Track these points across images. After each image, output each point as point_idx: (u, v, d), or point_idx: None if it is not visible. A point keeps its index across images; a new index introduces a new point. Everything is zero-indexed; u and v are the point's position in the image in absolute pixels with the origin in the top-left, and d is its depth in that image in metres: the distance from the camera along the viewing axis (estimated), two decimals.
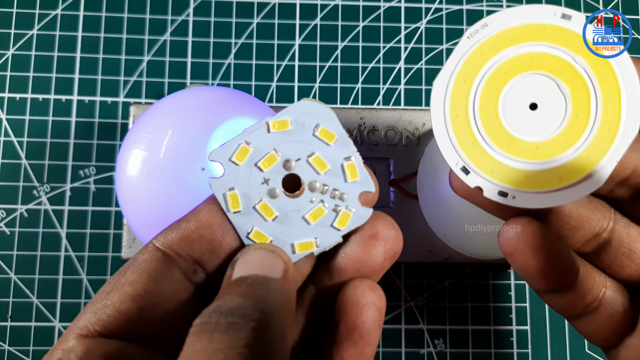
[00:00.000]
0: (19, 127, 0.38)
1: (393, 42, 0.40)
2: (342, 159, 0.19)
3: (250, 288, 0.17)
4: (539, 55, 0.19)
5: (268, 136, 0.19)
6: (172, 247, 0.19)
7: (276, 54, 0.40)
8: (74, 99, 0.39)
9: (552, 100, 0.19)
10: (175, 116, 0.28)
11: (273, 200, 0.20)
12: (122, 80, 0.39)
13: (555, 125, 0.19)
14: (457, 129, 0.19)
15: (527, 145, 0.19)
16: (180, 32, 0.40)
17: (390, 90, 0.40)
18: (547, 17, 0.19)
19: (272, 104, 0.39)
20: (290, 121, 0.19)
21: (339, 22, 0.40)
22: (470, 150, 0.19)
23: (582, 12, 0.41)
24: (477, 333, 0.37)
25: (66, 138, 0.38)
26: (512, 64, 0.19)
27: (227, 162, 0.19)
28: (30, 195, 0.37)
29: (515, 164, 0.19)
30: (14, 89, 0.38)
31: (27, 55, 0.39)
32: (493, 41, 0.19)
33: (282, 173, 0.20)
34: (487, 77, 0.19)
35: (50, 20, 0.39)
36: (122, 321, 0.18)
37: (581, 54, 0.19)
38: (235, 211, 0.19)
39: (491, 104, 0.19)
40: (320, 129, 0.19)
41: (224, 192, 0.19)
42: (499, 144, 0.19)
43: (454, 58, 0.20)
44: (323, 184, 0.20)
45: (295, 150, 0.19)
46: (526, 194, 0.19)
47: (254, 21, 0.40)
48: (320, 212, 0.20)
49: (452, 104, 0.19)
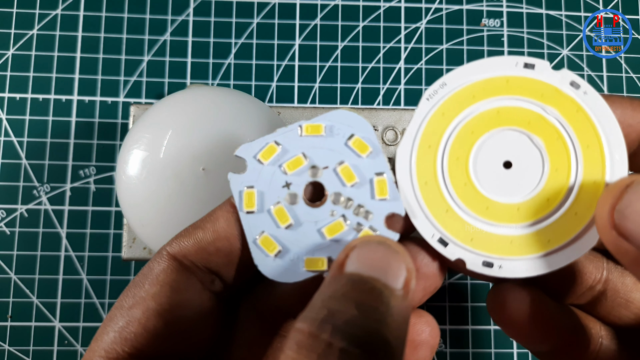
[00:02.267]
0: (19, 127, 0.38)
1: (393, 42, 0.40)
2: (372, 173, 0.18)
3: (369, 297, 0.14)
4: (506, 109, 0.17)
5: (299, 139, 0.18)
6: (189, 257, 0.18)
7: (276, 54, 0.40)
8: (74, 99, 0.39)
9: (527, 156, 0.17)
10: (176, 116, 0.28)
11: (291, 206, 0.18)
12: (122, 80, 0.39)
13: (534, 183, 0.17)
14: (428, 197, 0.18)
15: (507, 207, 0.17)
16: (180, 32, 0.40)
17: (390, 90, 0.40)
18: (509, 68, 0.17)
19: (272, 104, 0.39)
20: (325, 127, 0.18)
21: (339, 22, 0.40)
22: (445, 220, 0.17)
23: (582, 12, 0.41)
24: (477, 333, 0.37)
25: (66, 138, 0.38)
26: (478, 122, 0.18)
27: (251, 159, 0.18)
28: (30, 195, 0.37)
29: (496, 230, 0.17)
30: (14, 89, 0.38)
31: (27, 55, 0.39)
32: (454, 100, 0.18)
33: (307, 179, 0.18)
34: (453, 138, 0.18)
35: (50, 20, 0.39)
36: (150, 339, 0.17)
37: (551, 104, 0.17)
38: (248, 211, 0.18)
39: (461, 167, 0.18)
40: (354, 138, 0.18)
41: (241, 189, 0.18)
42: (475, 210, 0.17)
43: (415, 122, 0.18)
44: (348, 197, 0.18)
45: (324, 157, 0.18)
46: (514, 262, 0.17)
47: (254, 21, 0.40)
48: (339, 227, 0.18)
49: (419, 171, 0.18)
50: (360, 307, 0.14)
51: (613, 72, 0.41)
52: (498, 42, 0.41)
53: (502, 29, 0.41)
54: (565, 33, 0.41)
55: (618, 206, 0.15)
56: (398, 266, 0.15)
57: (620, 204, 0.15)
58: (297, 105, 0.38)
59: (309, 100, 0.39)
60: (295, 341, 0.13)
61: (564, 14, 0.41)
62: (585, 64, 0.41)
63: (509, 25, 0.41)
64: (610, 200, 0.15)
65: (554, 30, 0.41)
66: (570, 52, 0.41)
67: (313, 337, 0.13)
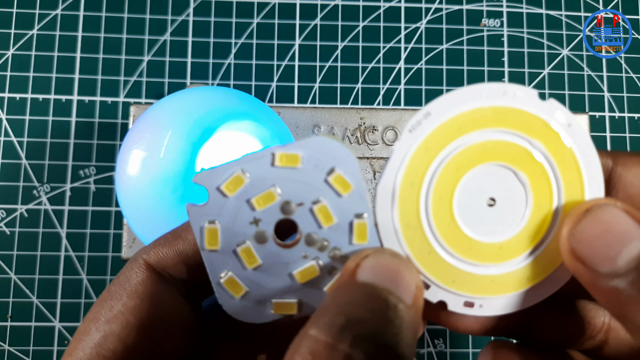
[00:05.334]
0: (19, 127, 0.38)
1: (393, 42, 0.40)
2: (352, 215, 0.16)
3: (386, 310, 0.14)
4: (492, 143, 0.17)
5: (271, 170, 0.16)
6: (167, 270, 0.17)
7: (276, 54, 0.40)
8: (74, 99, 0.38)
9: (511, 193, 0.17)
10: (176, 116, 0.28)
11: (259, 246, 0.16)
12: (122, 80, 0.39)
13: (516, 221, 0.17)
14: (411, 240, 0.17)
15: (490, 247, 0.17)
16: (180, 32, 0.40)
17: (390, 90, 0.40)
18: (495, 97, 0.17)
19: (272, 104, 0.39)
20: (302, 157, 0.16)
21: (339, 22, 0.40)
22: (427, 262, 0.17)
23: (582, 12, 0.41)
24: None
25: (66, 138, 0.38)
26: (463, 157, 0.17)
27: (213, 189, 0.16)
28: (30, 195, 0.37)
29: (478, 270, 0.17)
30: (14, 89, 0.38)
31: (27, 55, 0.39)
32: (439, 133, 0.17)
33: (278, 216, 0.16)
34: (437, 176, 0.17)
35: (50, 20, 0.39)
36: (128, 356, 0.15)
37: (538, 137, 0.17)
38: (211, 249, 0.16)
39: (445, 206, 0.17)
40: (335, 174, 0.16)
41: (202, 225, 0.16)
42: (458, 251, 0.17)
43: (396, 157, 0.17)
44: (323, 239, 0.16)
45: (299, 193, 0.16)
46: (494, 300, 0.17)
47: (254, 21, 0.40)
48: (312, 272, 0.16)
49: (402, 211, 0.17)
50: (378, 319, 0.13)
51: (613, 72, 0.40)
52: (498, 42, 0.41)
53: (502, 29, 0.41)
54: (565, 33, 0.41)
55: (574, 231, 0.15)
56: (410, 281, 0.15)
57: (577, 228, 0.15)
58: (297, 105, 0.38)
59: (309, 100, 0.39)
60: (309, 350, 0.12)
61: (564, 14, 0.41)
62: (585, 64, 0.41)
63: (509, 25, 0.41)
64: (568, 225, 0.15)
65: (554, 30, 0.41)
66: (570, 52, 0.41)
67: (330, 347, 0.12)
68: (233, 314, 0.17)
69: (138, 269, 0.17)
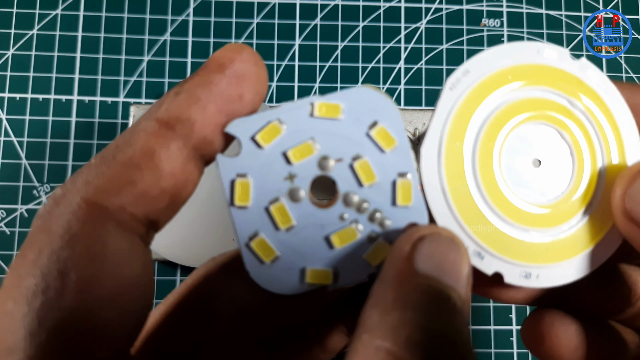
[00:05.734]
0: (19, 127, 0.38)
1: (393, 42, 0.40)
2: (395, 173, 0.15)
3: (452, 314, 0.13)
4: (532, 101, 0.16)
5: (309, 121, 0.15)
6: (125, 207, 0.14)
7: (276, 54, 0.40)
8: (74, 99, 0.38)
9: (556, 153, 0.16)
10: None
11: (293, 204, 0.15)
12: (122, 80, 0.39)
13: (564, 181, 0.16)
14: (461, 205, 0.16)
15: (541, 210, 0.16)
16: (180, 32, 0.40)
17: (390, 90, 0.40)
18: (530, 56, 0.16)
19: (272, 104, 0.39)
20: (343, 108, 0.15)
21: (339, 22, 0.40)
22: (479, 229, 0.16)
23: (582, 12, 0.41)
24: (477, 333, 0.37)
25: (66, 138, 0.38)
26: (505, 115, 0.16)
27: (247, 139, 0.15)
28: (30, 195, 0.37)
29: (531, 236, 0.16)
30: (14, 89, 0.38)
31: (27, 55, 0.39)
32: (479, 90, 0.16)
33: (315, 172, 0.15)
34: (482, 136, 0.16)
35: (51, 20, 0.39)
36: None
37: (575, 96, 0.16)
38: (240, 205, 0.15)
39: (492, 168, 0.16)
40: (377, 128, 0.15)
41: (232, 178, 0.15)
42: (510, 216, 0.16)
43: (439, 115, 0.16)
44: (363, 199, 0.15)
45: (338, 147, 0.15)
46: (549, 269, 0.16)
47: (254, 21, 0.40)
48: (350, 235, 0.15)
49: (449, 174, 0.16)
50: (445, 322, 0.13)
51: (613, 72, 0.40)
52: (498, 42, 0.41)
53: (502, 29, 0.41)
54: (565, 33, 0.41)
55: (629, 191, 0.15)
56: (467, 272, 0.14)
57: (632, 189, 0.14)
58: None
59: None
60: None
61: (564, 14, 0.41)
62: None
63: (509, 25, 0.41)
64: (621, 185, 0.15)
65: (554, 30, 0.41)
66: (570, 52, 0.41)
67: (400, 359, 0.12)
68: (261, 283, 0.15)
69: (84, 216, 0.13)
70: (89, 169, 0.14)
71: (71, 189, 0.13)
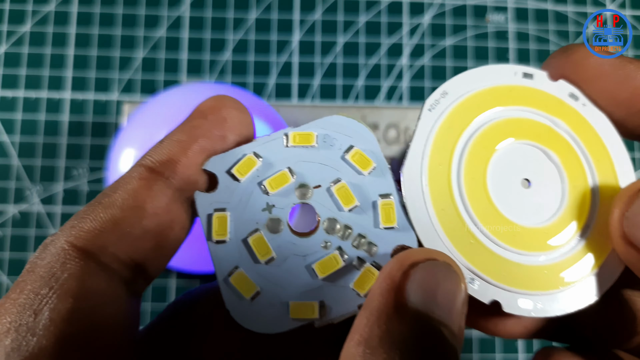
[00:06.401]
0: (11, 126, 0.37)
1: (396, 38, 0.39)
2: (376, 194, 0.15)
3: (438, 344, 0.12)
4: (515, 121, 0.16)
5: (284, 150, 0.15)
6: (106, 247, 0.14)
7: (275, 50, 0.39)
8: (67, 97, 0.38)
9: (544, 173, 0.16)
10: (170, 114, 0.27)
11: (273, 236, 0.15)
12: (116, 78, 0.38)
13: (556, 202, 0.16)
14: (448, 226, 0.15)
15: (535, 232, 0.15)
16: (175, 27, 0.39)
17: (392, 87, 0.39)
18: (509, 77, 0.16)
19: (270, 101, 0.38)
20: (317, 136, 0.15)
21: (340, 16, 0.39)
22: (471, 253, 0.15)
23: (588, 8, 0.40)
24: (477, 333, 0.36)
25: (59, 137, 0.37)
26: (489, 135, 0.16)
27: (223, 174, 0.15)
28: (22, 197, 0.36)
29: (527, 260, 0.15)
30: (6, 87, 0.38)
31: (19, 53, 0.38)
32: (459, 111, 0.16)
33: (293, 200, 0.15)
34: (466, 155, 0.16)
35: (43, 17, 0.38)
36: None
37: (558, 115, 0.16)
38: (218, 240, 0.15)
39: (480, 189, 0.15)
40: (353, 151, 0.15)
41: (209, 212, 0.15)
42: (503, 238, 0.15)
43: (420, 136, 0.16)
44: (345, 225, 0.15)
45: (315, 174, 0.15)
46: (552, 295, 0.15)
47: (252, 16, 0.39)
48: (334, 264, 0.15)
49: (433, 194, 0.15)
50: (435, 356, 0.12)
51: None
52: (503, 38, 0.40)
53: (506, 25, 0.40)
54: (570, 30, 0.40)
55: (627, 214, 0.14)
56: (463, 303, 0.13)
57: (629, 211, 0.14)
58: (297, 104, 0.38)
59: (309, 97, 0.38)
60: None
61: (569, 10, 0.40)
62: None
63: (513, 21, 0.40)
64: (619, 208, 0.14)
65: (560, 27, 0.40)
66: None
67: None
68: (242, 322, 0.14)
69: (65, 257, 0.13)
70: (77, 215, 0.14)
71: (59, 234, 0.14)
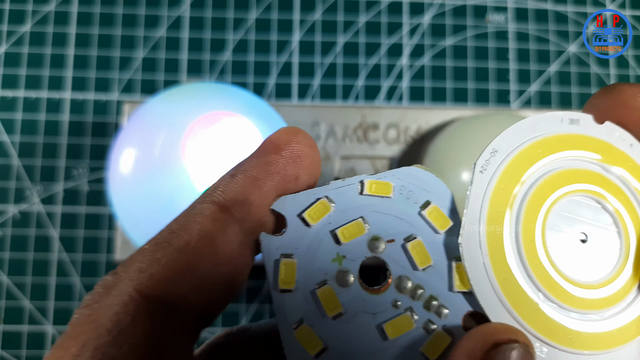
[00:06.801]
0: (11, 126, 0.37)
1: (396, 38, 0.39)
2: (451, 256, 0.14)
3: None
4: (566, 173, 0.15)
5: (359, 199, 0.14)
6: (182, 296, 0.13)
7: (275, 50, 0.39)
8: (67, 97, 0.38)
9: (600, 225, 0.15)
10: (170, 114, 0.27)
11: (342, 289, 0.14)
12: (116, 78, 0.38)
13: (614, 256, 0.15)
14: (512, 295, 0.14)
15: (598, 291, 0.15)
16: (175, 27, 0.39)
17: (392, 87, 0.39)
18: (555, 125, 0.16)
19: (270, 101, 0.38)
20: (394, 187, 0.14)
21: (340, 16, 0.39)
22: (536, 321, 0.14)
23: (588, 8, 0.40)
24: None
25: (59, 137, 0.37)
26: (541, 192, 0.15)
27: (294, 217, 0.14)
28: (22, 196, 0.37)
29: (592, 319, 0.15)
30: (6, 87, 0.38)
31: (19, 53, 0.38)
32: (511, 170, 0.15)
33: (364, 253, 0.14)
34: (522, 217, 0.15)
35: (43, 17, 0.38)
36: None
37: (609, 162, 0.16)
38: (284, 289, 0.14)
39: (539, 250, 0.15)
40: (430, 207, 0.14)
41: (276, 258, 0.14)
42: (567, 302, 0.15)
43: (474, 201, 0.15)
44: (417, 284, 0.14)
45: (390, 227, 0.14)
46: (614, 353, 0.15)
47: (252, 16, 0.39)
48: (406, 325, 0.14)
49: (494, 263, 0.14)
50: None
51: (620, 71, 0.40)
52: (503, 38, 0.40)
53: (506, 25, 0.40)
54: (570, 30, 0.40)
55: None
56: None
57: None
58: (297, 104, 0.38)
59: (309, 97, 0.38)
60: None
61: (569, 10, 0.40)
62: (591, 61, 0.40)
63: (513, 21, 0.40)
64: None
65: (560, 27, 0.40)
66: (576, 50, 0.40)
67: None
68: None
69: (135, 308, 0.12)
70: (143, 254, 0.13)
71: (123, 277, 0.12)
